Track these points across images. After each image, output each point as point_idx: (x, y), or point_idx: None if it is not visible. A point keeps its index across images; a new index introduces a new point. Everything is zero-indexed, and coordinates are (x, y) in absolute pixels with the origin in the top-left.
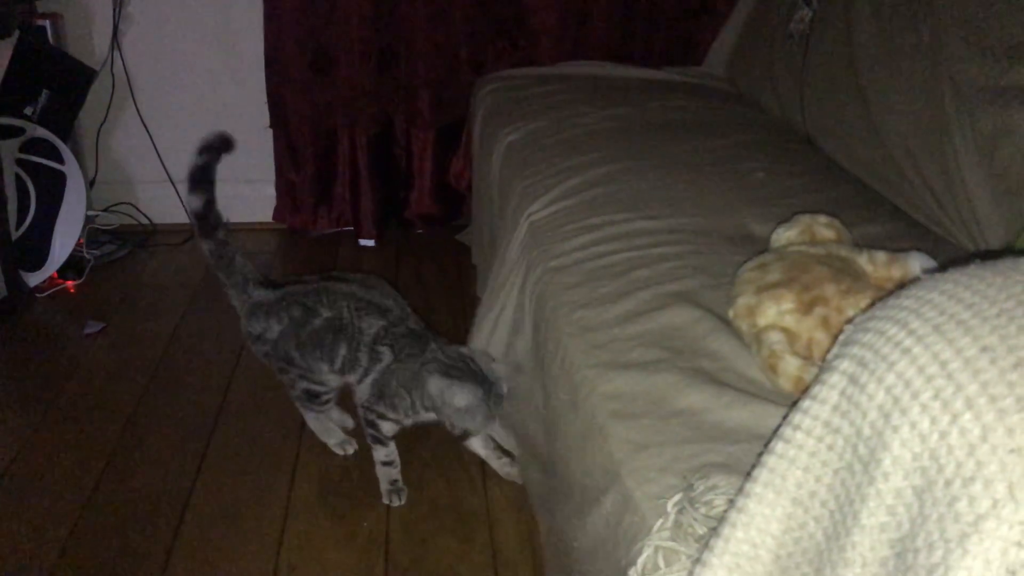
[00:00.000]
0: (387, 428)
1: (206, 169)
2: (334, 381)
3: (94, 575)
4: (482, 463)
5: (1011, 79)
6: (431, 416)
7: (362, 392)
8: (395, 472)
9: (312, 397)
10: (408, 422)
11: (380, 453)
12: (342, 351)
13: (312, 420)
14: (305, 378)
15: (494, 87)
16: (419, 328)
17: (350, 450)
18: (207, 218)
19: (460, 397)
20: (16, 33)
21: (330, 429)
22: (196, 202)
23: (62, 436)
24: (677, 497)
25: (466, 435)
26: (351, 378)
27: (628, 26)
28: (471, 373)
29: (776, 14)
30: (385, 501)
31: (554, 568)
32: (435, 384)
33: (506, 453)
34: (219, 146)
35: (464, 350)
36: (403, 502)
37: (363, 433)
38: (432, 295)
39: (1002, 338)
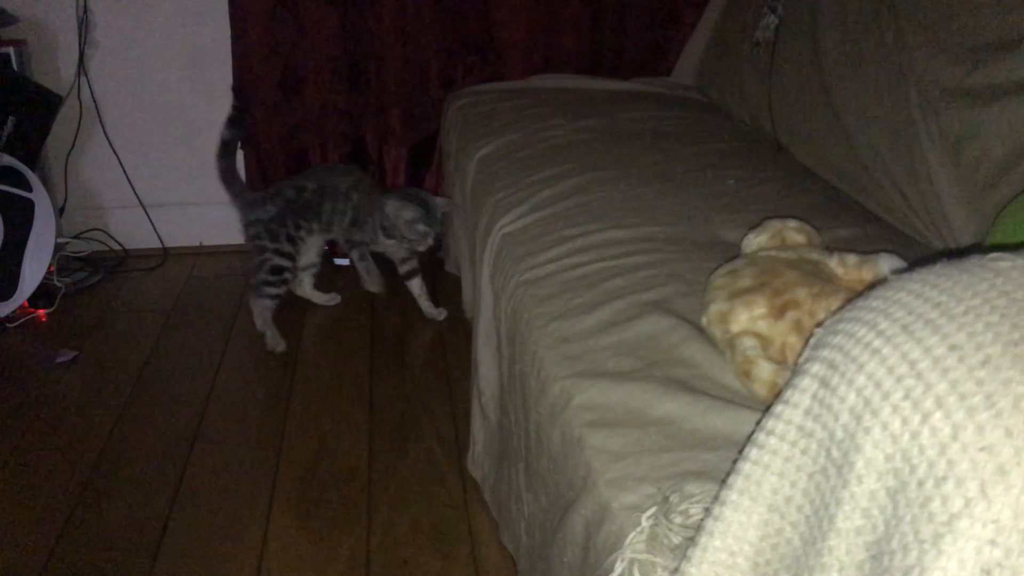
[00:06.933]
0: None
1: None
2: (312, 246)
3: None
4: (464, 480)
5: (975, 80)
6: (389, 243)
7: (342, 233)
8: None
9: (277, 272)
10: (373, 247)
11: (355, 255)
12: (327, 207)
13: (261, 310)
14: (279, 253)
15: (464, 102)
16: (374, 183)
17: (279, 349)
18: (228, 145)
19: (408, 211)
20: None
21: (271, 324)
22: (227, 134)
23: (35, 466)
24: (652, 510)
25: (411, 274)
26: (335, 230)
27: (597, 38)
28: (418, 199)
29: (743, 22)
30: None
31: None
32: (391, 204)
33: (434, 302)
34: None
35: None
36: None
37: None
38: (410, 313)
39: (970, 336)
